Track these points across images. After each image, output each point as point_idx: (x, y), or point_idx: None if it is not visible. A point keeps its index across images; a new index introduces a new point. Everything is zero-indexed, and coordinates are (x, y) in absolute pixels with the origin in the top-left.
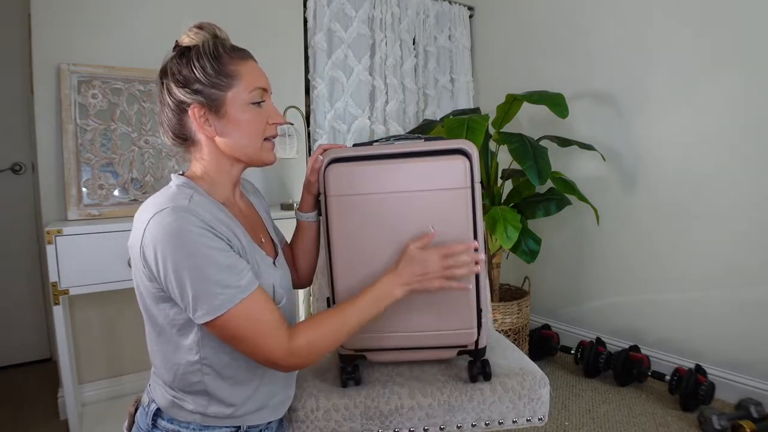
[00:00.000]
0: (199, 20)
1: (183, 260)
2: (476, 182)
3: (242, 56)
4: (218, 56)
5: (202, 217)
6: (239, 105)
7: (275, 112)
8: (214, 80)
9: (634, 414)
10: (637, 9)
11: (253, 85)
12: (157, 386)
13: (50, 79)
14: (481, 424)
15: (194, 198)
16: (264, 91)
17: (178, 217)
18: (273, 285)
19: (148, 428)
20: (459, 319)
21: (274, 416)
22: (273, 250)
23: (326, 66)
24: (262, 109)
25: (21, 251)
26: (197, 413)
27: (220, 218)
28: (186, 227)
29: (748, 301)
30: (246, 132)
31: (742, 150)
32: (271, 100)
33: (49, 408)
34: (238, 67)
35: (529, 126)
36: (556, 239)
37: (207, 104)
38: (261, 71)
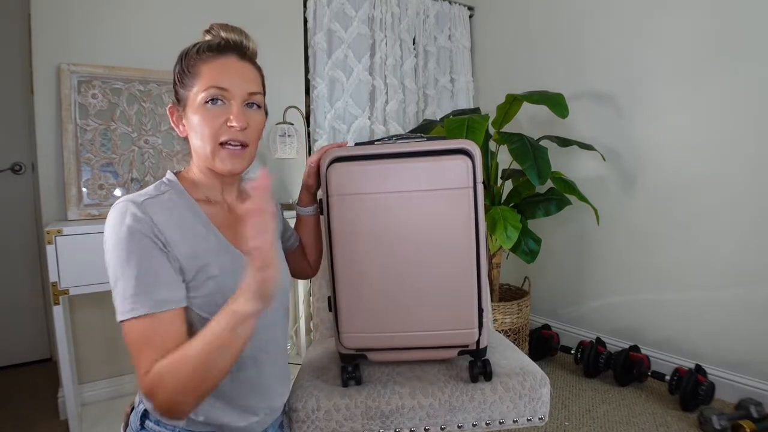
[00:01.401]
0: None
1: (111, 256)
2: (478, 182)
3: (213, 55)
4: (186, 56)
5: (152, 216)
6: (194, 105)
7: (236, 114)
8: (180, 79)
9: (634, 414)
10: (637, 9)
11: (208, 83)
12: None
13: (50, 79)
14: (482, 424)
15: (163, 196)
16: (221, 90)
17: (121, 213)
18: None
19: (137, 429)
20: (460, 319)
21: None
22: None
23: (326, 66)
24: (218, 110)
25: (21, 251)
26: None
27: (181, 220)
28: (122, 224)
29: (749, 301)
30: (197, 134)
31: (742, 150)
32: (238, 103)
33: (49, 408)
34: (202, 66)
35: (529, 126)
36: (556, 239)
37: (177, 103)
38: (233, 70)
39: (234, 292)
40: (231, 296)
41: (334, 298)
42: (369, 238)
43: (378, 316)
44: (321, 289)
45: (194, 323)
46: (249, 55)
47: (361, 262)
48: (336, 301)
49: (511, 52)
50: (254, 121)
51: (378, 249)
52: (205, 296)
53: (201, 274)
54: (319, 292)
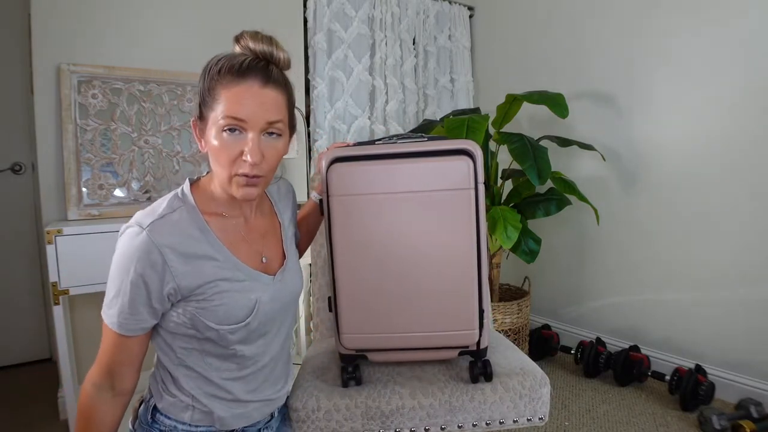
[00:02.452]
0: (253, 28)
1: (113, 270)
2: (480, 183)
3: (236, 78)
4: (209, 75)
5: (157, 239)
6: (214, 129)
7: (252, 149)
8: (203, 97)
9: (634, 414)
10: (637, 9)
11: (227, 112)
12: (158, 386)
13: (50, 79)
14: (482, 424)
15: (173, 215)
16: (238, 121)
17: (129, 239)
18: (256, 300)
19: (147, 422)
20: (460, 320)
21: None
22: (279, 262)
23: (326, 66)
24: (234, 140)
25: (21, 251)
26: (188, 409)
27: (187, 241)
28: (132, 249)
29: (748, 301)
30: (215, 158)
31: (742, 149)
32: (254, 134)
33: (49, 408)
34: (224, 90)
35: (529, 126)
36: (556, 239)
37: (199, 119)
38: (252, 97)
39: (240, 305)
40: (235, 308)
41: (334, 298)
42: (370, 239)
43: (378, 316)
44: (321, 289)
45: (200, 329)
46: (274, 76)
47: (361, 263)
48: (336, 301)
49: (511, 52)
50: (270, 153)
51: (378, 249)
52: (212, 309)
53: (207, 290)
54: (319, 292)
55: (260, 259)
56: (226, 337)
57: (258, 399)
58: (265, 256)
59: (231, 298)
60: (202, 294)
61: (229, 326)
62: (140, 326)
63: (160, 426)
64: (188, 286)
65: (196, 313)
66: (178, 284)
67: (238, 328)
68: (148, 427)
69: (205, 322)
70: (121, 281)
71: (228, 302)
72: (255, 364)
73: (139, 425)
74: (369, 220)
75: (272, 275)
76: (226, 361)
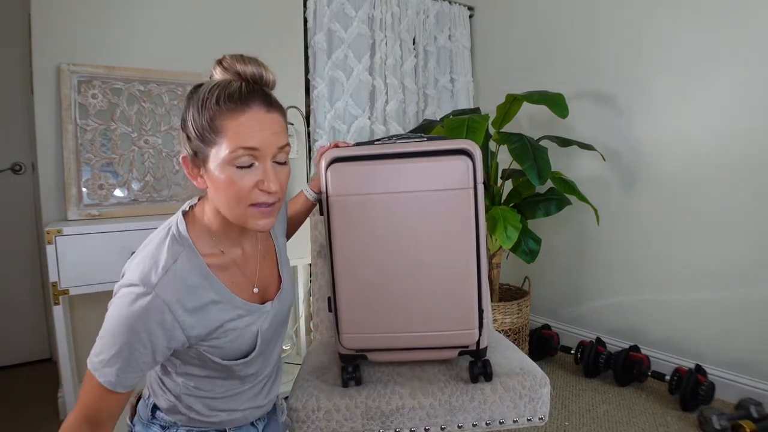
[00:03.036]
0: (227, 52)
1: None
2: (479, 183)
3: (237, 108)
4: (205, 108)
5: (170, 298)
6: (219, 164)
7: (269, 177)
8: (200, 133)
9: (634, 414)
10: (637, 9)
11: (237, 144)
12: (157, 391)
13: (50, 79)
14: (482, 424)
15: (176, 265)
16: (252, 151)
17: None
18: (257, 331)
19: (147, 418)
20: (460, 320)
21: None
22: (276, 286)
23: (326, 66)
24: (248, 172)
25: (21, 251)
26: (186, 415)
27: (193, 293)
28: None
29: (748, 300)
30: (224, 195)
31: (742, 149)
32: (268, 163)
33: (49, 408)
34: (226, 122)
35: (529, 126)
36: (556, 239)
37: (193, 156)
38: (260, 125)
39: (244, 340)
40: (241, 344)
41: (334, 298)
42: (369, 239)
43: (378, 316)
44: (321, 289)
45: (208, 365)
46: (273, 99)
47: (361, 263)
48: (336, 301)
49: (511, 52)
50: (283, 177)
51: (378, 249)
52: (219, 347)
53: (214, 333)
54: (319, 292)
55: (253, 291)
56: (234, 368)
57: (253, 406)
58: (258, 286)
59: (236, 335)
60: (210, 337)
61: (237, 361)
62: (136, 381)
63: (160, 422)
64: (197, 336)
65: (203, 352)
66: (188, 335)
67: (245, 361)
68: (148, 423)
69: (212, 359)
70: (126, 342)
71: (234, 340)
72: (255, 378)
73: (138, 420)
74: (368, 220)
75: (270, 300)
76: (228, 380)
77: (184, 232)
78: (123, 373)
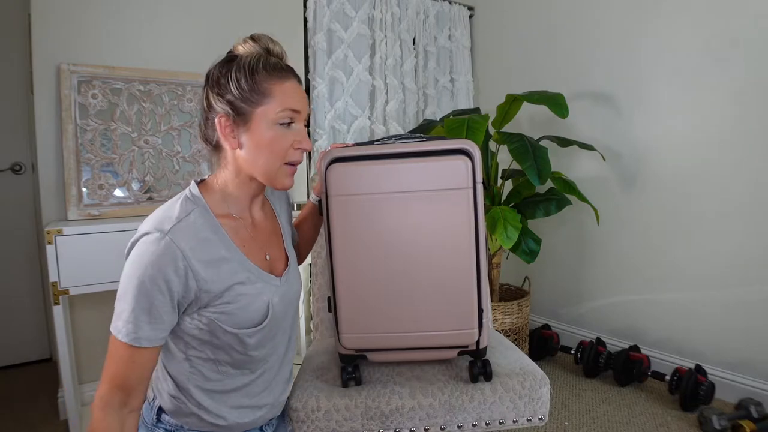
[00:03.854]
0: (256, 32)
1: (129, 280)
2: (478, 182)
3: (281, 75)
4: (255, 72)
5: (183, 245)
6: (266, 123)
7: (304, 137)
8: (245, 95)
9: (634, 414)
10: (637, 9)
11: (284, 105)
12: (163, 390)
13: (50, 79)
14: (482, 424)
15: (189, 217)
16: (295, 113)
17: (155, 245)
18: (268, 302)
19: (152, 422)
20: (460, 320)
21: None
22: (284, 263)
23: (326, 66)
24: (289, 131)
25: (21, 251)
26: (194, 416)
27: (206, 245)
28: (156, 255)
29: (748, 301)
30: (267, 151)
31: (742, 150)
32: (303, 125)
33: (49, 408)
34: (273, 85)
35: (529, 126)
36: (556, 239)
37: (234, 116)
38: (299, 93)
39: (255, 308)
40: (252, 312)
41: (333, 298)
42: (369, 239)
43: (378, 316)
44: (321, 289)
45: (217, 335)
46: (300, 77)
47: (360, 263)
48: (336, 301)
49: (511, 52)
50: None
51: (378, 249)
52: (230, 313)
53: (225, 295)
54: (319, 292)
55: (265, 257)
56: (245, 340)
57: (263, 404)
58: (269, 255)
59: (247, 301)
60: (221, 299)
61: (247, 329)
62: (161, 336)
63: (165, 426)
64: (209, 292)
65: (214, 319)
66: (200, 288)
67: (255, 331)
68: (153, 427)
69: (223, 327)
70: (144, 292)
71: (245, 305)
72: (264, 365)
73: (142, 424)
74: (368, 220)
75: (278, 277)
76: (238, 367)
77: (197, 193)
78: (146, 326)
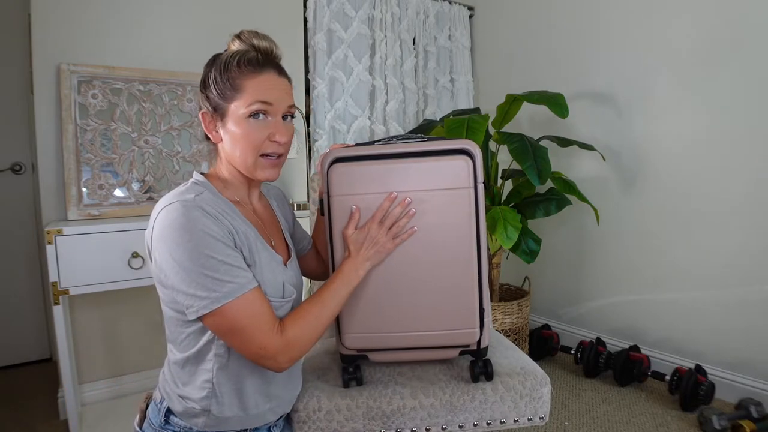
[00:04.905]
0: (244, 29)
1: (185, 253)
2: (479, 182)
3: (256, 69)
4: (228, 69)
5: (207, 210)
6: (236, 118)
7: (279, 129)
8: (220, 91)
9: (634, 414)
10: (637, 8)
11: (254, 98)
12: (171, 392)
13: (50, 79)
14: (483, 424)
15: (203, 195)
16: (267, 105)
17: (185, 210)
18: (283, 282)
19: (160, 424)
20: (461, 319)
21: (274, 416)
22: (286, 252)
23: (326, 66)
24: (261, 124)
25: (21, 251)
26: (203, 415)
27: (226, 213)
28: (191, 220)
29: (748, 301)
30: (241, 144)
31: (742, 150)
32: (280, 117)
33: (49, 408)
34: (245, 80)
35: (529, 126)
36: (556, 239)
37: (212, 112)
38: (274, 84)
39: (273, 282)
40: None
41: None
42: None
43: (379, 316)
44: None
45: None
46: (283, 69)
47: None
48: None
49: (511, 52)
50: (290, 133)
51: None
52: (258, 278)
53: (250, 254)
54: None
55: (270, 241)
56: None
57: (276, 395)
58: (273, 240)
59: (268, 270)
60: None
61: (275, 300)
62: (250, 276)
63: (173, 427)
64: (242, 244)
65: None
66: (234, 233)
67: (282, 304)
68: (161, 429)
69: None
70: (203, 254)
71: (267, 274)
72: None
73: (149, 426)
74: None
75: (284, 264)
76: None
77: (202, 179)
78: (230, 277)
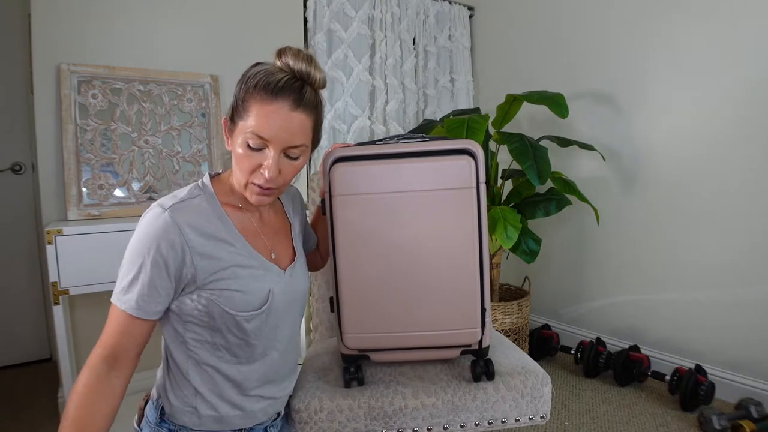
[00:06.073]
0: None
1: (131, 250)
2: (481, 182)
3: (268, 97)
4: (248, 86)
5: (181, 220)
6: (239, 137)
7: (269, 167)
8: (237, 105)
9: (634, 414)
10: (636, 9)
11: (251, 128)
12: (169, 389)
13: (50, 79)
14: (485, 423)
15: (194, 200)
16: (261, 140)
17: (154, 215)
18: (269, 290)
19: (156, 422)
20: (463, 319)
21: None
22: (290, 259)
23: (326, 66)
24: (255, 154)
25: (21, 251)
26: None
27: (207, 224)
28: (152, 227)
29: (748, 301)
30: (236, 162)
31: (742, 150)
32: (275, 153)
33: (49, 408)
34: (254, 105)
35: (529, 126)
36: (556, 239)
37: (230, 121)
38: (281, 119)
39: (254, 292)
40: (251, 295)
41: (336, 298)
42: (372, 238)
43: (381, 316)
44: (320, 289)
45: (215, 316)
46: (306, 99)
47: (363, 263)
48: (339, 301)
49: (511, 52)
50: (287, 170)
51: (381, 249)
52: (228, 295)
53: (224, 276)
54: (318, 292)
55: (270, 254)
56: (242, 325)
57: (264, 396)
58: (275, 252)
59: (247, 285)
60: (219, 279)
61: (246, 313)
62: (157, 309)
63: (169, 425)
64: (206, 268)
65: (213, 299)
66: (196, 265)
67: (254, 316)
68: (157, 427)
69: (222, 307)
70: (142, 262)
71: (244, 289)
72: (264, 358)
73: (146, 424)
74: (371, 219)
75: (283, 269)
76: (236, 355)
77: (207, 183)
78: (143, 298)
